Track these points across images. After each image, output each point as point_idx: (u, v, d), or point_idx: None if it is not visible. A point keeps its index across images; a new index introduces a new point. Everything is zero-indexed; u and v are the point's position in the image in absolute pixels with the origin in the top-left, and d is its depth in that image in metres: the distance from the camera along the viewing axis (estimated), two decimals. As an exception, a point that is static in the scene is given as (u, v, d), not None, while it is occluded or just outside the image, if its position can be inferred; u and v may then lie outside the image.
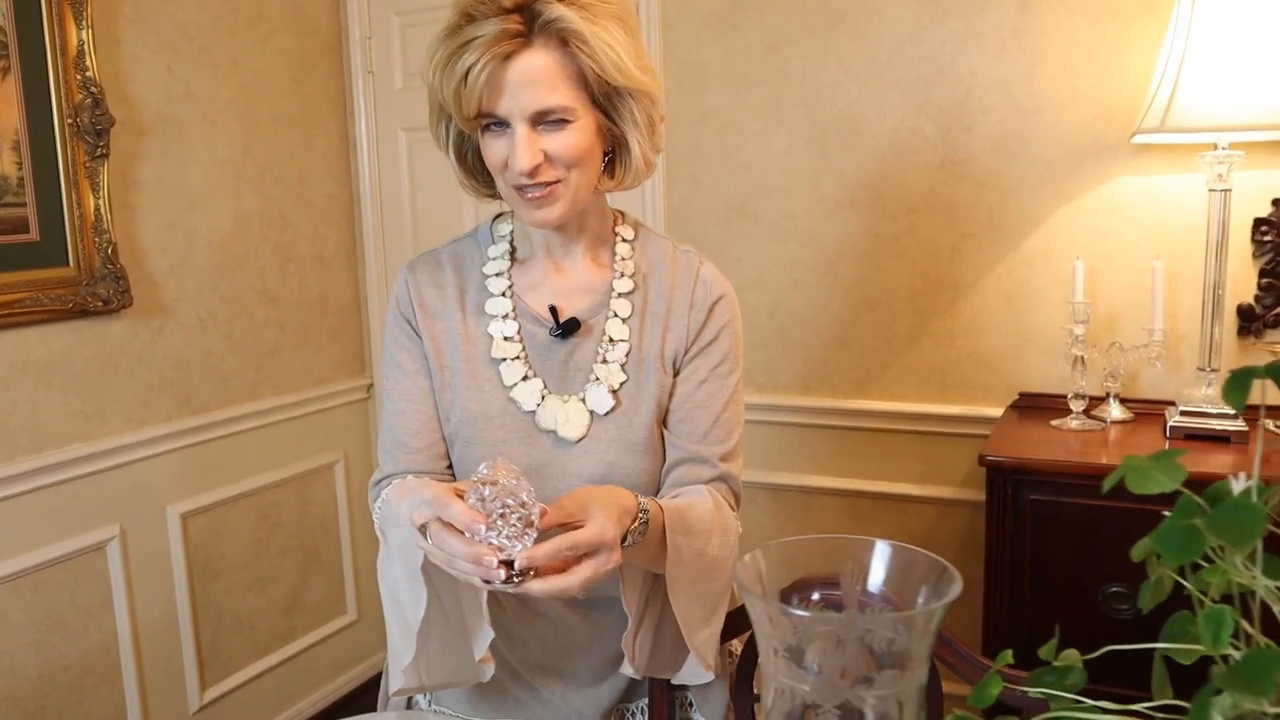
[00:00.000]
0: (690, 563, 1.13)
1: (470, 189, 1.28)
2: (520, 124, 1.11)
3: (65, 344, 2.16)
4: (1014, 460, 1.86)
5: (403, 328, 1.28)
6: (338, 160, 2.89)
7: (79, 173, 2.14)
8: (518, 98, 1.10)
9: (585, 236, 1.27)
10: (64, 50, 2.09)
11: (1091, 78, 2.15)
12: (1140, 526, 1.81)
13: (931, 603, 0.59)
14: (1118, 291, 2.19)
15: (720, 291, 1.28)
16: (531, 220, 1.18)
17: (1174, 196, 2.12)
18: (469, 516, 0.95)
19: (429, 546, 1.00)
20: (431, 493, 0.98)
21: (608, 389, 1.22)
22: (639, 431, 1.23)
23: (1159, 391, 2.18)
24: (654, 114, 1.20)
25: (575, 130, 1.14)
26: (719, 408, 1.26)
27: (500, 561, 0.94)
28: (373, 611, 3.08)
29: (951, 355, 2.36)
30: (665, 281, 1.28)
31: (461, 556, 0.95)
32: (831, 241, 2.43)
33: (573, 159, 1.14)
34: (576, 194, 1.18)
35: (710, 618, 1.19)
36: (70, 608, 2.20)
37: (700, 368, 1.26)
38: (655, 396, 1.24)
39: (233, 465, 2.58)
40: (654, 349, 1.25)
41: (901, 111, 2.32)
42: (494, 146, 1.14)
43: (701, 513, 1.16)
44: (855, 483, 2.48)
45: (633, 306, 1.26)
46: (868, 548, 0.61)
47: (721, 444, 1.26)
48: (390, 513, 1.17)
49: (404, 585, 1.12)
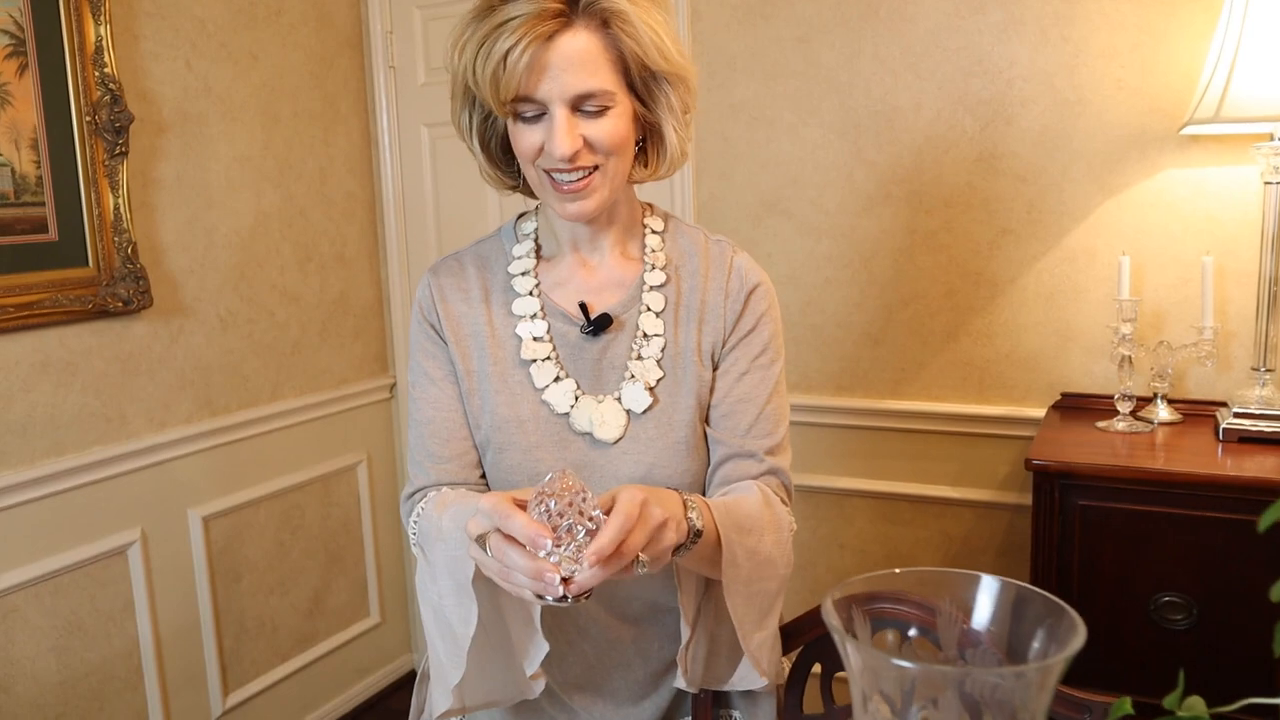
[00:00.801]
0: (744, 562, 1.08)
1: (493, 180, 1.23)
2: (560, 108, 1.07)
3: (85, 345, 2.12)
4: (1061, 464, 1.79)
5: (427, 333, 1.24)
6: (359, 157, 2.84)
7: (98, 171, 2.09)
8: (559, 80, 1.06)
9: (614, 229, 1.23)
10: (82, 47, 2.04)
11: (1137, 67, 2.08)
12: (1194, 533, 1.74)
13: (1051, 652, 0.52)
14: (1164, 288, 2.12)
15: (756, 279, 1.24)
16: (565, 213, 1.14)
17: (1224, 189, 2.04)
18: (534, 530, 0.89)
19: (484, 557, 0.95)
20: (490, 503, 0.93)
21: (644, 386, 1.18)
22: (679, 430, 1.18)
23: (1207, 392, 2.10)
24: (689, 101, 1.17)
25: (614, 116, 1.10)
26: (763, 399, 1.21)
27: (561, 578, 0.90)
28: (396, 614, 3.04)
29: (990, 354, 2.29)
30: (698, 272, 1.23)
31: (523, 572, 0.90)
32: (865, 238, 2.37)
33: (612, 145, 1.10)
34: (613, 183, 1.14)
35: (764, 619, 1.14)
36: (91, 613, 2.16)
37: (740, 359, 1.22)
38: (695, 392, 1.19)
39: (255, 467, 2.54)
40: (690, 342, 1.20)
41: (938, 104, 2.25)
42: (527, 133, 1.10)
43: (750, 509, 1.11)
44: (890, 485, 2.42)
45: (666, 300, 1.21)
46: (970, 583, 0.55)
47: (768, 437, 1.21)
48: (430, 527, 1.12)
49: (451, 601, 1.07)
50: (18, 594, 2.02)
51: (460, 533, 1.04)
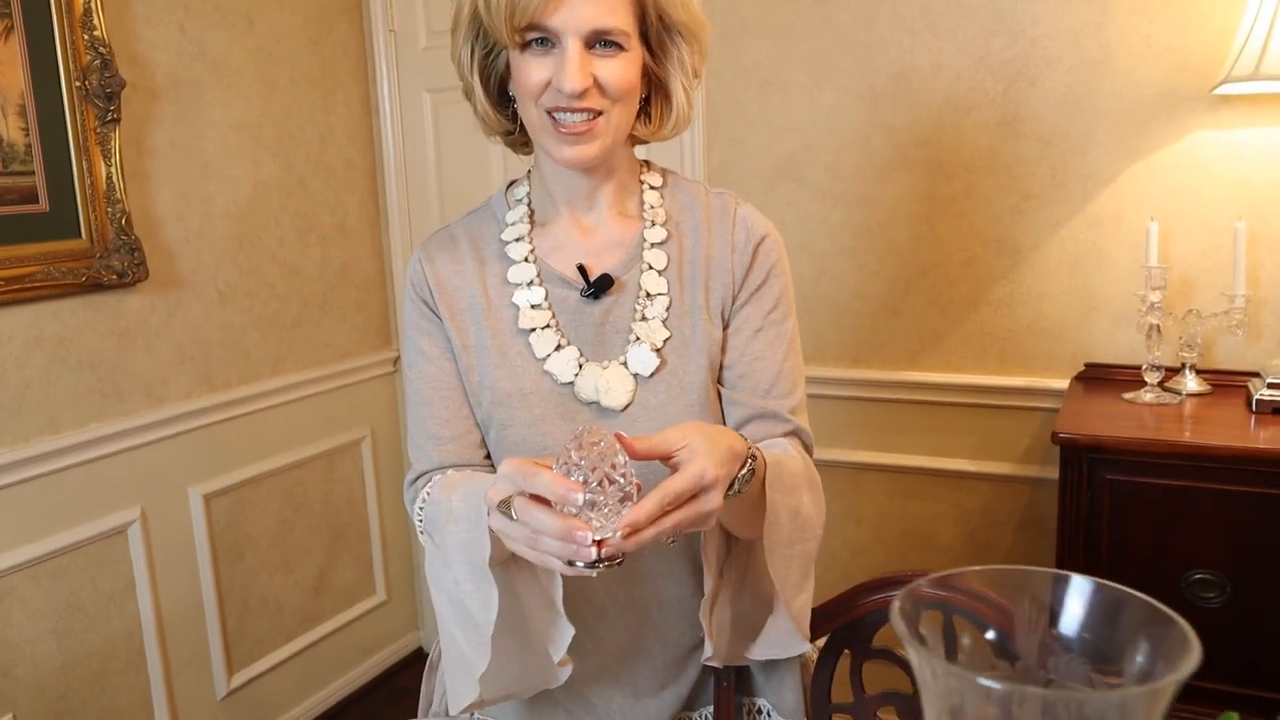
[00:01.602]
0: (786, 522, 1.03)
1: (491, 123, 1.17)
2: (574, 40, 1.02)
3: (79, 320, 2.06)
4: (1090, 438, 1.73)
5: (421, 311, 1.18)
6: (359, 124, 2.76)
7: (89, 139, 2.02)
8: (577, 10, 1.01)
9: (611, 185, 1.17)
10: (70, 9, 1.96)
11: (1168, 24, 2.00)
12: (1228, 508, 1.67)
13: (1158, 672, 0.46)
14: (1193, 254, 2.04)
15: (763, 231, 1.18)
16: (563, 157, 1.07)
17: (1257, 151, 1.96)
18: (563, 485, 0.83)
19: (507, 525, 0.89)
20: (512, 466, 0.87)
21: (650, 348, 1.12)
22: (692, 392, 1.12)
23: (1237, 362, 2.03)
24: (699, 63, 1.13)
25: (626, 60, 1.05)
26: (780, 356, 1.16)
27: (592, 540, 0.83)
28: (402, 591, 2.99)
29: (1011, 324, 2.22)
30: (701, 226, 1.17)
31: (551, 533, 0.84)
32: (882, 204, 2.29)
33: (620, 90, 1.05)
34: (616, 132, 1.08)
35: (804, 582, 1.10)
36: (91, 594, 2.11)
37: (752, 316, 1.16)
38: (705, 351, 1.14)
39: (256, 443, 2.48)
40: (698, 300, 1.15)
41: (958, 64, 2.17)
42: (533, 66, 1.04)
43: (793, 467, 1.06)
44: (908, 458, 2.36)
45: (668, 257, 1.16)
46: (1057, 583, 0.49)
47: (789, 396, 1.16)
48: (439, 511, 1.06)
49: (469, 586, 1.01)
50: (16, 575, 1.97)
51: (473, 512, 0.98)
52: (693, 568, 1.16)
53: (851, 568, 2.46)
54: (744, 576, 1.12)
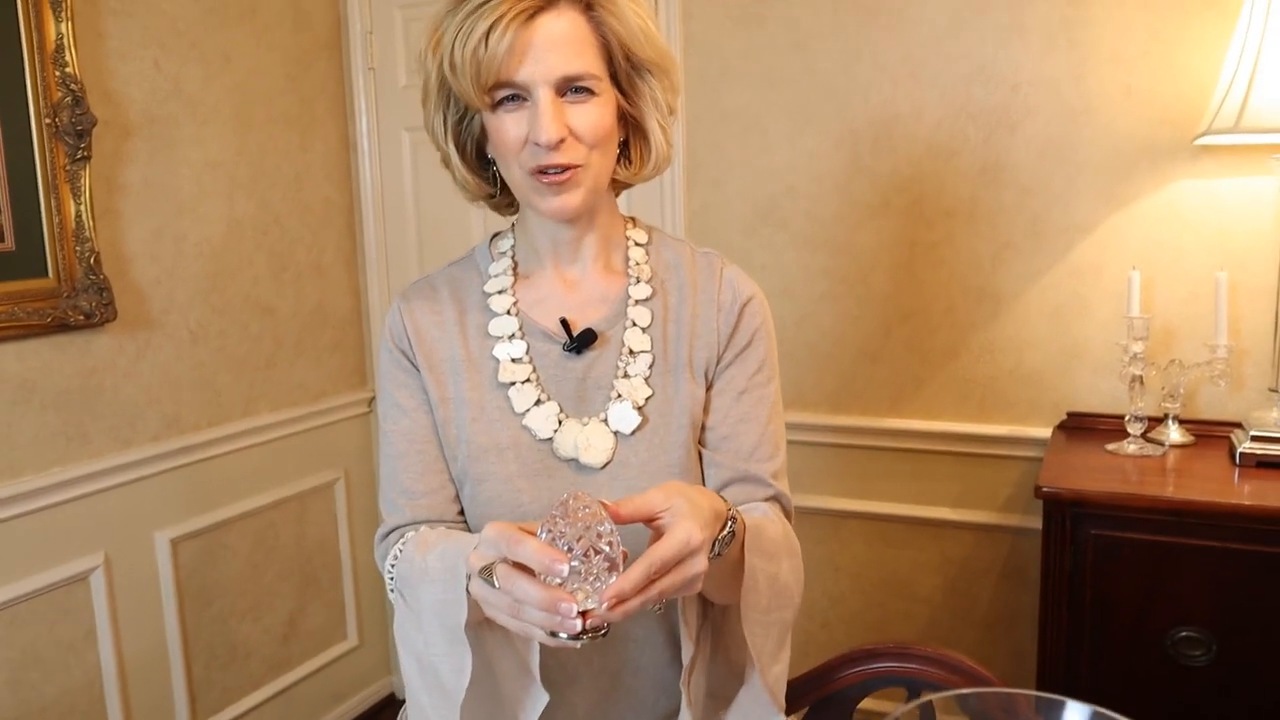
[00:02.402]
0: (764, 588, 1.01)
1: (471, 188, 1.15)
2: (545, 90, 1.00)
3: (43, 361, 2.01)
4: (1073, 492, 1.71)
5: (398, 361, 1.16)
6: (337, 162, 2.73)
7: (58, 177, 1.98)
8: (543, 61, 1.00)
9: (596, 238, 1.15)
10: (41, 45, 1.93)
11: (1147, 74, 2.00)
12: (1214, 565, 1.65)
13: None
14: (1174, 304, 2.04)
15: (749, 292, 1.17)
16: (548, 208, 1.06)
17: (1238, 201, 1.97)
18: (548, 555, 0.80)
19: (488, 592, 0.86)
20: (496, 530, 0.84)
21: (632, 405, 1.10)
22: (673, 451, 1.10)
23: (1219, 412, 2.02)
24: (672, 99, 1.12)
25: (600, 104, 1.04)
26: (764, 420, 1.15)
27: (577, 612, 0.80)
28: (375, 635, 2.93)
29: (992, 371, 2.21)
30: (686, 284, 1.16)
31: (535, 603, 0.81)
32: (863, 250, 2.28)
33: (597, 136, 1.04)
34: (597, 180, 1.07)
35: (780, 652, 1.07)
36: (50, 643, 2.04)
37: (737, 377, 1.15)
38: (688, 410, 1.12)
39: (226, 486, 2.42)
40: (681, 358, 1.13)
41: (940, 112, 2.17)
42: (508, 123, 1.03)
43: (773, 533, 1.04)
44: (888, 506, 2.33)
45: (653, 314, 1.14)
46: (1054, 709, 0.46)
47: (771, 460, 1.15)
48: (412, 570, 1.03)
49: (441, 650, 0.97)
50: (-30, 625, 1.90)
51: (451, 574, 0.95)
52: (668, 635, 1.13)
53: (830, 616, 2.42)
54: (718, 644, 1.09)
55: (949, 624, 2.32)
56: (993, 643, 2.27)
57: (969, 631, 2.30)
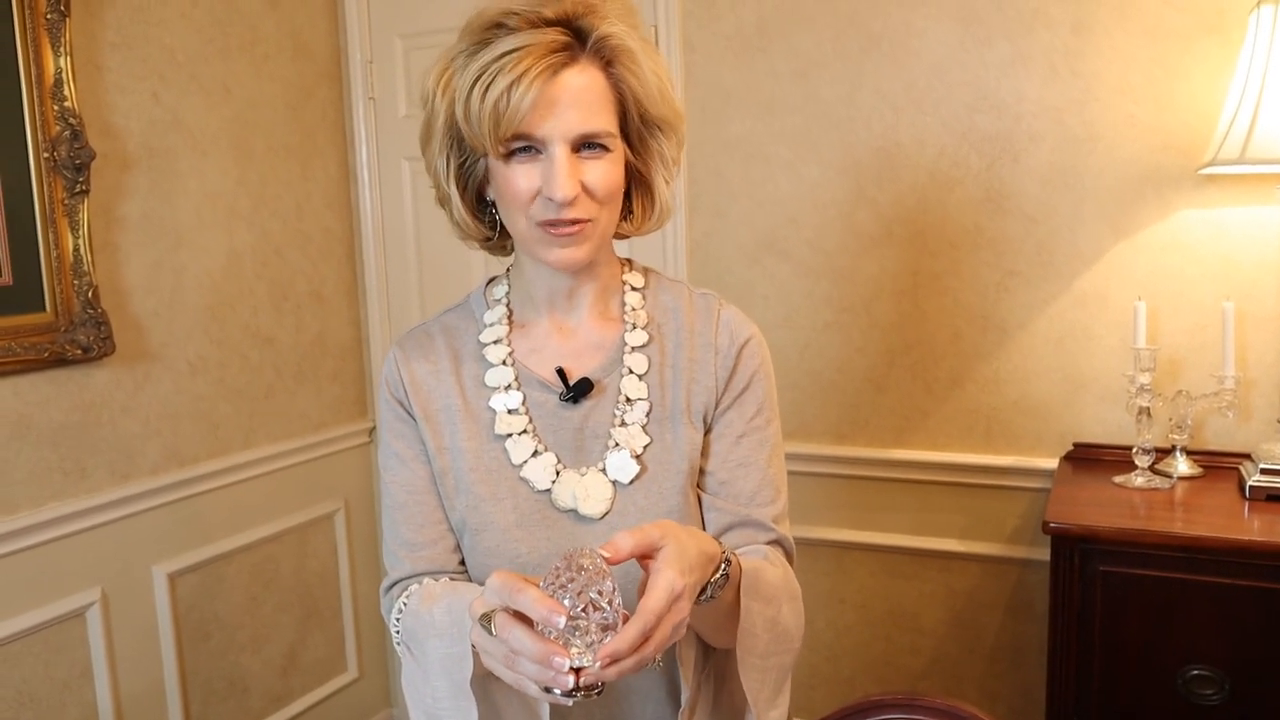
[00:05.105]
0: (762, 633, 1.00)
1: (470, 231, 1.14)
2: (561, 147, 0.99)
3: (41, 396, 1.99)
4: (1082, 528, 1.68)
5: (395, 411, 1.15)
6: (337, 192, 2.72)
7: (56, 211, 1.97)
8: (563, 118, 0.98)
9: (593, 286, 1.14)
10: (40, 80, 1.93)
11: (1151, 104, 1.99)
12: (1226, 603, 1.62)
13: None
14: (1180, 334, 2.02)
15: (747, 334, 1.15)
16: (555, 260, 1.04)
17: (1243, 231, 1.95)
18: (546, 606, 0.80)
19: (486, 639, 0.85)
20: (500, 579, 0.84)
21: (630, 454, 1.09)
22: (671, 498, 1.09)
23: (1227, 443, 2.00)
24: (678, 154, 1.11)
25: (611, 160, 1.03)
26: (764, 463, 1.13)
27: (570, 668, 0.80)
28: (375, 667, 2.90)
29: (997, 402, 2.18)
30: (683, 328, 1.14)
31: (529, 655, 0.81)
32: (866, 279, 2.26)
33: (607, 193, 1.03)
34: (604, 234, 1.07)
35: (777, 697, 1.06)
36: (45, 681, 2.02)
37: (735, 421, 1.13)
38: (687, 456, 1.10)
39: (225, 519, 2.40)
40: (679, 404, 1.11)
41: (942, 140, 2.16)
42: (519, 174, 1.01)
43: (772, 576, 1.03)
44: (893, 538, 2.30)
45: (650, 360, 1.13)
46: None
47: (772, 504, 1.13)
48: (418, 623, 1.02)
49: (448, 704, 0.97)
50: (-35, 664, 1.88)
51: (457, 628, 0.95)
52: (671, 688, 1.11)
53: (836, 649, 2.39)
54: (720, 688, 1.08)
55: (955, 657, 2.29)
56: (999, 676, 2.24)
57: (975, 665, 2.27)
